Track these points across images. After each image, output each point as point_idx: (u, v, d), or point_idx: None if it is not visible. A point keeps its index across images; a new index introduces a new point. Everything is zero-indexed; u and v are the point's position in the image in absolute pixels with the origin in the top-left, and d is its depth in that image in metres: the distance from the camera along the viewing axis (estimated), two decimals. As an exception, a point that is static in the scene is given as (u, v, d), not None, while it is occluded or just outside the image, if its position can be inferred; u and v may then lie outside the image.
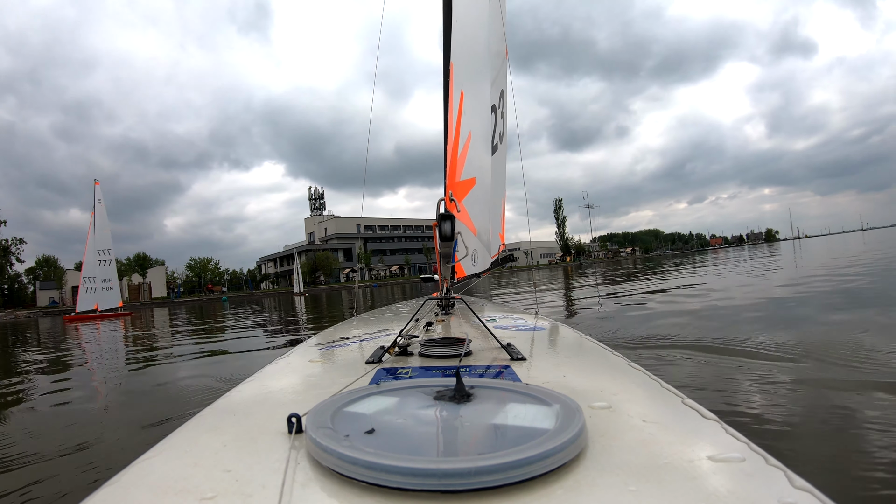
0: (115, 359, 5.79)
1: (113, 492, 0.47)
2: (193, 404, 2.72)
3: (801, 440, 1.70)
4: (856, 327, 3.61)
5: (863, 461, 1.50)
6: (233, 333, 7.68)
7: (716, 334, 3.65)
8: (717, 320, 4.41)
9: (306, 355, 1.16)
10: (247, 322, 9.79)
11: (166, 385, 3.65)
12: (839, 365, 2.63)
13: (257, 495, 0.44)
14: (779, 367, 2.69)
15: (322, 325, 6.95)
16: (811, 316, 4.25)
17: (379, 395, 0.64)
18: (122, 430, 2.38)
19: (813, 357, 2.83)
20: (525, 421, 0.55)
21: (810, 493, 0.42)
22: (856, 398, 2.11)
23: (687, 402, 0.66)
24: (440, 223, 0.75)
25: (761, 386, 2.40)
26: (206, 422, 0.66)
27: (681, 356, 3.10)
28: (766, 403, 2.14)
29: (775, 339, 3.33)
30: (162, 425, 2.36)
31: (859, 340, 3.09)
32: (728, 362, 2.89)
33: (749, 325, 4.02)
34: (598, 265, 25.30)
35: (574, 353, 1.10)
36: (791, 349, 3.04)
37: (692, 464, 0.48)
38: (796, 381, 2.43)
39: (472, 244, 1.75)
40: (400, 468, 0.43)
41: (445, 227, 0.75)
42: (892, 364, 2.53)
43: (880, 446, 1.60)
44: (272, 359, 1.12)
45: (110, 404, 3.17)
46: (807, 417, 1.96)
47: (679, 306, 5.69)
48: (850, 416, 1.92)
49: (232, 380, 3.17)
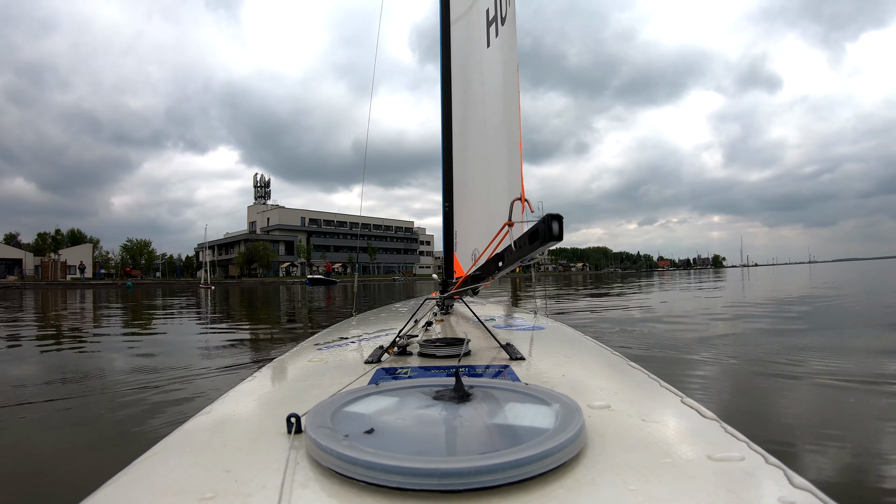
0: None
1: (112, 492, 0.47)
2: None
3: (801, 440, 1.71)
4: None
5: (863, 460, 1.50)
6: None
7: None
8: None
9: (305, 355, 1.16)
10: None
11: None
12: (841, 365, 2.64)
13: (257, 495, 0.44)
14: (780, 367, 2.70)
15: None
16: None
17: (378, 395, 0.64)
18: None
19: (814, 357, 2.83)
20: (524, 420, 0.55)
21: (810, 492, 0.42)
22: (855, 397, 2.11)
23: (686, 402, 0.66)
24: (550, 223, 0.74)
25: (762, 386, 2.41)
26: (205, 422, 0.66)
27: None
28: (767, 403, 2.14)
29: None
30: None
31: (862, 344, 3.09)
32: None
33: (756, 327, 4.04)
34: (549, 279, 23.57)
35: (573, 353, 1.10)
36: (792, 350, 3.05)
37: (692, 463, 0.48)
38: (797, 381, 2.43)
39: (476, 242, 1.75)
40: (399, 468, 0.43)
41: (554, 227, 0.74)
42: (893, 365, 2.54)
43: (881, 445, 1.61)
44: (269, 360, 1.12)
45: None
46: (807, 417, 1.96)
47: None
48: (851, 415, 1.92)
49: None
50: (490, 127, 1.60)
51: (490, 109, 1.60)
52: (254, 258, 55.69)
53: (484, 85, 1.66)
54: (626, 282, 21.19)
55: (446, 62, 2.03)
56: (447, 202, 2.02)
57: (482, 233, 1.66)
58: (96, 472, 1.53)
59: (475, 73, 1.76)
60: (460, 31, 1.97)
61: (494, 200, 1.52)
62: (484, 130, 1.65)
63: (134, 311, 9.94)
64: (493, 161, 1.55)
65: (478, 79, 1.73)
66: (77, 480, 1.52)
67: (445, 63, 2.03)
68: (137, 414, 2.23)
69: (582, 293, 12.20)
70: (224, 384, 2.68)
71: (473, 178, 1.79)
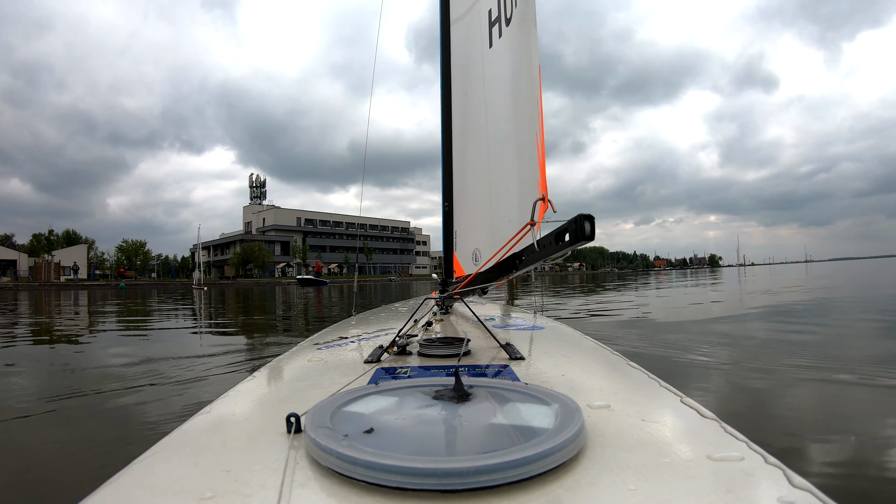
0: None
1: (112, 492, 0.47)
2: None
3: (801, 439, 1.71)
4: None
5: (863, 460, 1.50)
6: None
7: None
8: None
9: (305, 355, 1.15)
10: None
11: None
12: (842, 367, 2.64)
13: (256, 495, 0.44)
14: (780, 367, 2.70)
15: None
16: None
17: (378, 395, 0.64)
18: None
19: (814, 356, 2.83)
20: (524, 420, 0.55)
21: (809, 492, 0.42)
22: (854, 396, 2.11)
23: (686, 401, 0.66)
24: (582, 223, 0.74)
25: (762, 385, 2.41)
26: (204, 421, 0.66)
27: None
28: (767, 403, 2.14)
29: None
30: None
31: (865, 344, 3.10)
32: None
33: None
34: (545, 279, 22.39)
35: (573, 353, 1.10)
36: (796, 351, 3.05)
37: (691, 463, 0.48)
38: (796, 381, 2.43)
39: (476, 241, 1.74)
40: (399, 468, 0.43)
41: (586, 226, 0.74)
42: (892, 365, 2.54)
43: (881, 445, 1.61)
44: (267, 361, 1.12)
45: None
46: (807, 416, 1.96)
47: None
48: (851, 414, 1.93)
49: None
50: (492, 127, 1.59)
51: (492, 109, 1.59)
52: (249, 259, 55.38)
53: (486, 85, 1.66)
54: (625, 281, 21.18)
55: (446, 62, 2.03)
56: (447, 202, 2.02)
57: (484, 233, 1.66)
58: (95, 472, 1.53)
59: (476, 73, 1.76)
60: (461, 31, 1.97)
61: (497, 201, 1.52)
62: (486, 131, 1.64)
63: (116, 314, 9.57)
64: (497, 161, 1.55)
65: (479, 79, 1.72)
66: (76, 481, 1.52)
67: (445, 63, 2.03)
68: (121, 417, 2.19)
69: (582, 293, 12.21)
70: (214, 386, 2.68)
71: (475, 179, 1.79)
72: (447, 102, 2.01)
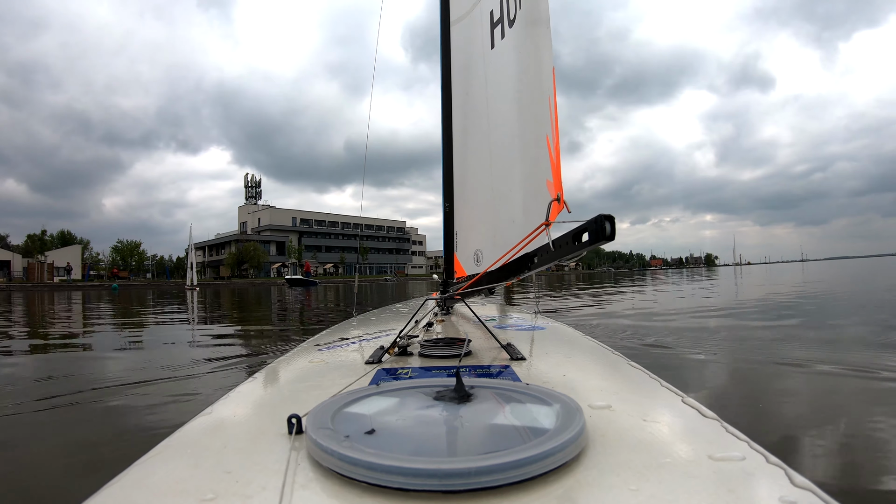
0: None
1: (113, 493, 0.47)
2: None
3: (802, 439, 1.71)
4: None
5: (864, 459, 1.50)
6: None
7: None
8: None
9: (306, 356, 1.16)
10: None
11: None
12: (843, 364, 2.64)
13: (257, 497, 0.44)
14: (780, 366, 2.70)
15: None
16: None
17: (379, 396, 0.64)
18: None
19: (814, 356, 2.83)
20: (525, 421, 0.55)
21: (811, 492, 0.42)
22: (855, 396, 2.11)
23: (687, 401, 0.66)
24: (602, 223, 0.74)
25: (762, 385, 2.41)
26: (206, 423, 0.66)
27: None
28: (768, 402, 2.14)
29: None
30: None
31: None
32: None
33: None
34: (541, 278, 21.96)
35: (574, 353, 1.10)
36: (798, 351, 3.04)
37: (692, 462, 0.48)
38: (797, 380, 2.43)
39: (478, 242, 1.74)
40: (400, 469, 0.43)
41: (607, 226, 0.74)
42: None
43: (882, 444, 1.60)
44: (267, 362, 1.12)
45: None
46: (808, 416, 1.96)
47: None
48: (852, 414, 1.92)
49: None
50: (495, 128, 1.59)
51: (495, 111, 1.59)
52: (244, 259, 55.14)
53: (488, 86, 1.66)
54: (623, 282, 21.16)
55: (446, 63, 2.03)
56: (448, 202, 2.02)
57: (486, 234, 1.66)
58: (94, 475, 1.53)
59: (478, 74, 1.76)
60: (461, 32, 1.97)
61: (500, 202, 1.52)
62: (488, 132, 1.64)
63: (100, 316, 9.32)
64: (500, 162, 1.55)
65: (481, 80, 1.72)
66: (73, 485, 1.51)
67: (445, 64, 2.03)
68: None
69: (581, 293, 12.20)
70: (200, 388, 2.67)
71: (476, 179, 1.79)
72: (447, 103, 2.01)
